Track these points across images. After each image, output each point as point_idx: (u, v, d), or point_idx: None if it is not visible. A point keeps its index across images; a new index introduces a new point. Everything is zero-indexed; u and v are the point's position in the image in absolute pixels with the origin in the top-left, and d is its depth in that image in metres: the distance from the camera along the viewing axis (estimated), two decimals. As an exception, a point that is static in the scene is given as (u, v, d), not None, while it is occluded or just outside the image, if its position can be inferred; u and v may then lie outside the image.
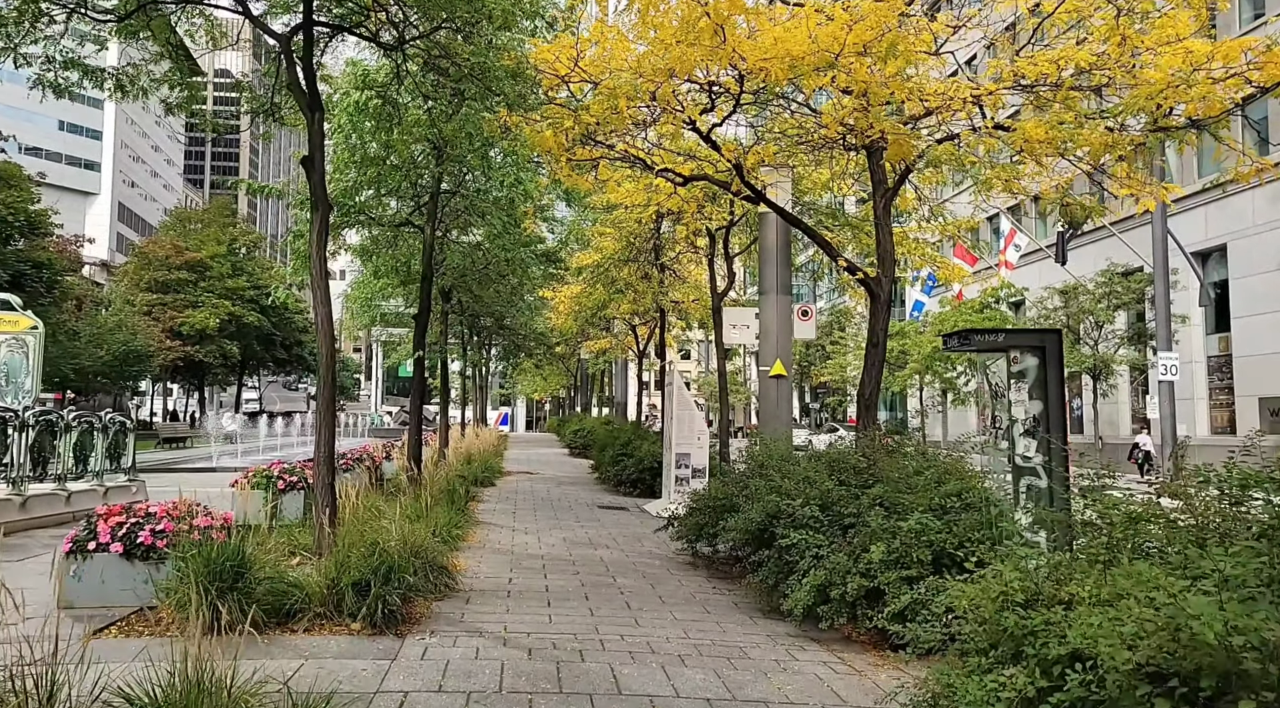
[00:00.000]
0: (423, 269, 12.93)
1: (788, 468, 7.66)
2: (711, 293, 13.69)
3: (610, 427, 23.89)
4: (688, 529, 8.73)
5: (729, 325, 10.92)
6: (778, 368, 10.62)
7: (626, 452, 16.85)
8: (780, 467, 7.88)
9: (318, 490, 7.38)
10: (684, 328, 27.23)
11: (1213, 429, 26.93)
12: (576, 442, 28.40)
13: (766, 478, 7.54)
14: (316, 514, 7.36)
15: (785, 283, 10.81)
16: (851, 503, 6.22)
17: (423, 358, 12.85)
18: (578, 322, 23.23)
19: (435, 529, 9.01)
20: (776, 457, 8.29)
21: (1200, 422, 27.25)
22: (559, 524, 11.76)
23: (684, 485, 14.00)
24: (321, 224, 7.60)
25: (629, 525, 12.00)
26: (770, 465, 8.06)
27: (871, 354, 7.78)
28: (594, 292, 17.15)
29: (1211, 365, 27.14)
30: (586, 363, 39.23)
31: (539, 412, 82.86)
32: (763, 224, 10.94)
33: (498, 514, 12.61)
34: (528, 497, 15.49)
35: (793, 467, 7.69)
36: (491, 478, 17.93)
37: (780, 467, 7.88)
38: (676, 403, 14.01)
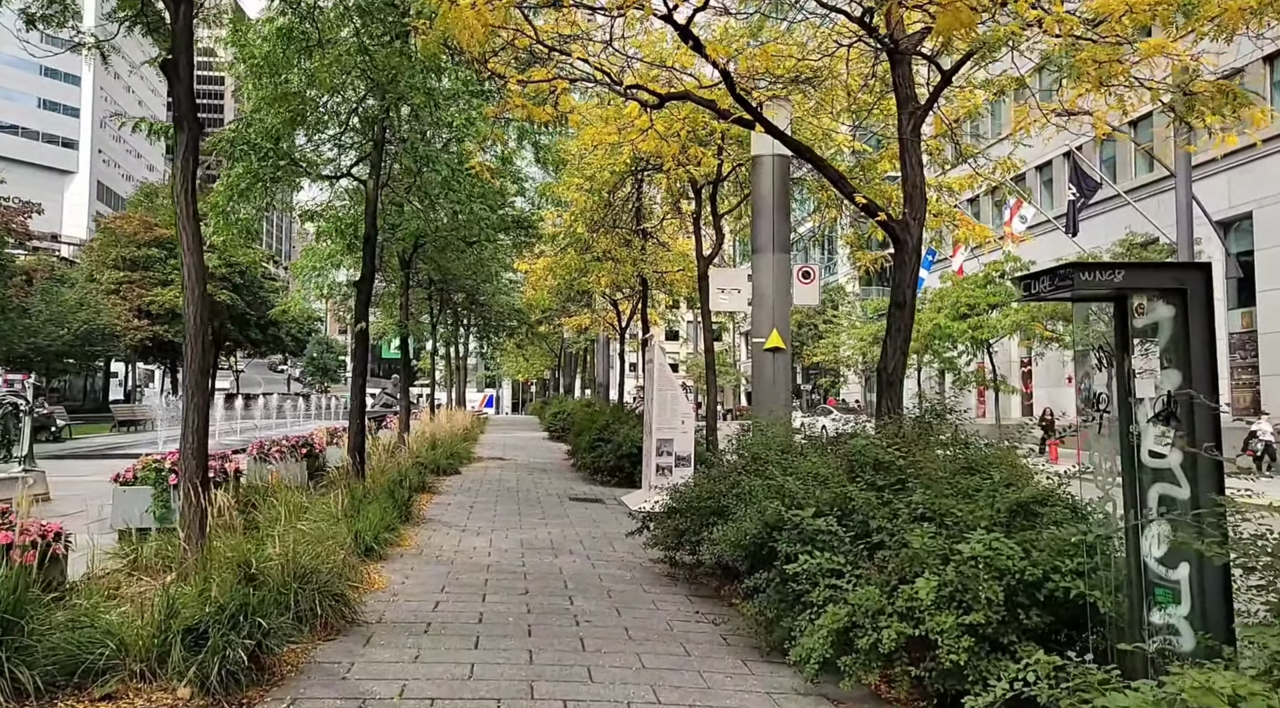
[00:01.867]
0: (366, 228, 11.20)
1: (791, 463, 6.04)
2: (698, 258, 12.03)
3: (591, 409, 22.25)
4: (666, 535, 7.11)
5: (717, 290, 9.29)
6: (774, 339, 8.99)
7: (604, 437, 15.23)
8: (781, 461, 6.26)
9: (183, 490, 5.70)
10: (669, 304, 25.56)
11: (1234, 412, 25.50)
12: (556, 425, 26.77)
13: (764, 476, 5.91)
14: (182, 523, 5.69)
15: (783, 239, 9.15)
16: (881, 513, 4.59)
17: (365, 329, 11.15)
18: (554, 295, 21.52)
19: (358, 535, 7.38)
20: (776, 447, 6.66)
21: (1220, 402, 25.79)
22: (520, 522, 10.13)
23: (666, 475, 12.39)
24: (189, 148, 5.88)
25: (601, 523, 10.39)
26: (768, 459, 6.44)
27: (895, 318, 6.15)
28: (566, 257, 15.44)
29: (1233, 343, 25.66)
30: (569, 343, 37.52)
31: (525, 394, 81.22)
32: (756, 170, 9.26)
33: (451, 510, 10.97)
34: (492, 487, 13.86)
35: (798, 461, 6.07)
36: (457, 465, 16.29)
37: (781, 461, 6.26)
38: (657, 382, 12.37)
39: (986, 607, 3.72)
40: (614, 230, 14.92)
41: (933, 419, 5.58)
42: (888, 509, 4.63)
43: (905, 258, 6.14)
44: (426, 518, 10.03)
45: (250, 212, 10.48)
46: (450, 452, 17.25)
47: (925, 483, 4.66)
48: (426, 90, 9.84)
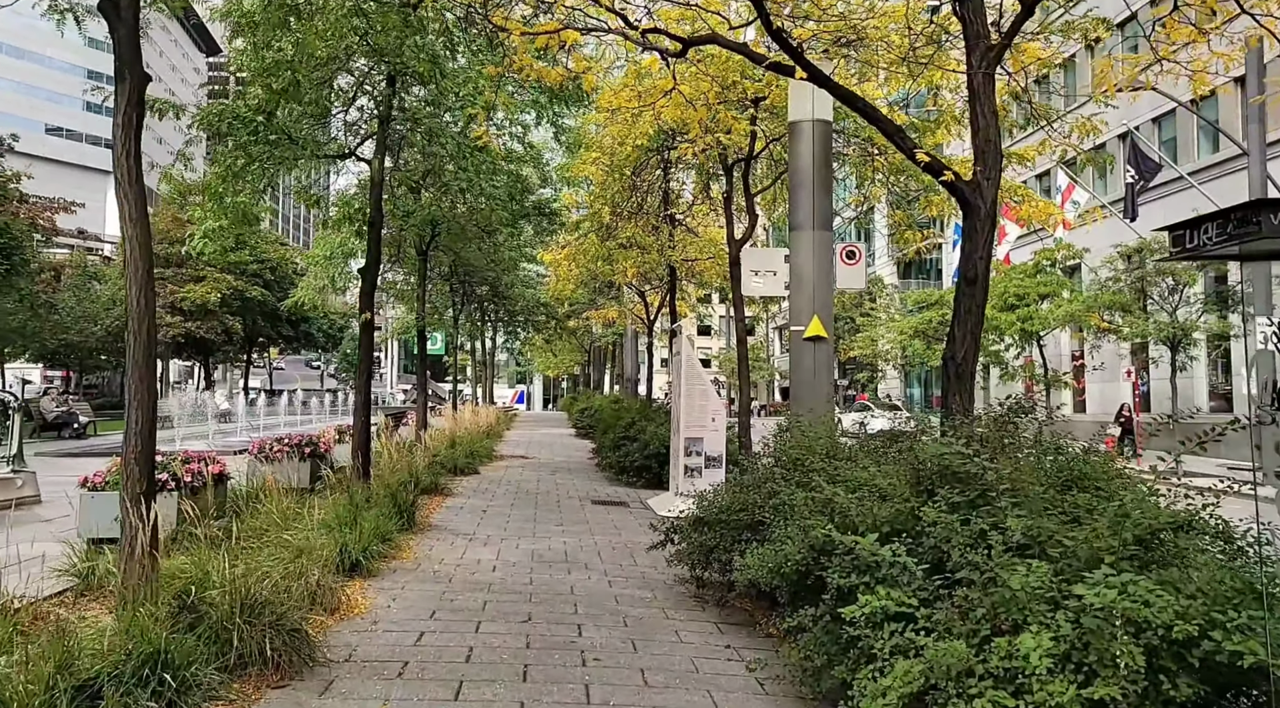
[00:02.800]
0: (370, 212, 10.40)
1: (840, 471, 5.07)
2: (729, 241, 11.05)
3: (617, 406, 21.36)
4: (692, 551, 6.17)
5: (750, 273, 8.32)
6: (815, 327, 7.99)
7: (630, 435, 14.32)
8: (827, 468, 5.29)
9: (121, 502, 4.90)
10: (700, 296, 24.58)
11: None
12: (582, 422, 25.92)
13: (808, 487, 4.95)
14: (121, 541, 4.89)
15: (824, 215, 8.14)
16: (961, 539, 3.60)
17: (371, 321, 10.34)
18: (580, 287, 20.65)
19: (345, 548, 6.55)
20: (819, 450, 5.69)
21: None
22: (534, 529, 9.25)
23: (695, 477, 11.45)
24: (131, 102, 5.08)
25: (624, 530, 9.48)
26: (812, 465, 5.46)
27: (966, 297, 5.14)
28: (587, 243, 14.55)
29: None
30: (597, 337, 36.69)
31: (556, 389, 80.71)
32: (794, 138, 8.25)
33: (462, 515, 10.13)
34: (510, 488, 13.02)
35: (848, 469, 5.10)
36: (475, 465, 15.48)
37: (827, 468, 5.29)
38: (686, 376, 11.42)
39: (1122, 675, 2.73)
40: (640, 215, 13.99)
41: (1017, 417, 4.55)
42: (969, 533, 3.64)
43: (976, 225, 5.12)
44: (433, 525, 9.20)
45: (247, 195, 9.72)
46: (470, 450, 16.47)
47: (1015, 499, 3.66)
48: (432, 58, 9.00)
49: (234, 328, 42.10)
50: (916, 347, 36.80)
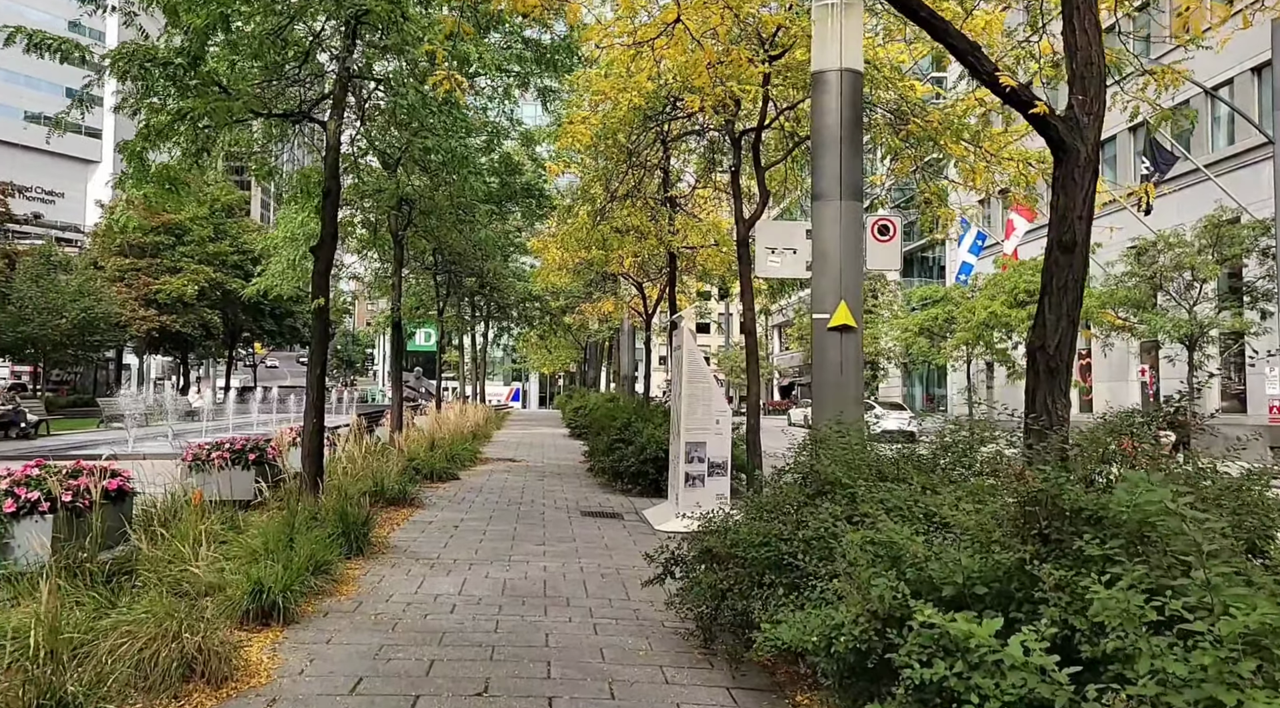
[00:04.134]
0: (325, 180, 9.09)
1: (897, 498, 3.79)
2: (737, 220, 9.79)
3: (612, 405, 20.07)
4: (699, 595, 4.88)
5: (765, 251, 7.02)
6: (842, 315, 6.71)
7: (624, 437, 13.03)
8: (875, 495, 4.01)
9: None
10: (699, 289, 23.29)
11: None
12: (576, 422, 24.62)
13: (854, 520, 3.67)
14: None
15: (854, 181, 6.85)
16: (1135, 624, 2.31)
17: (326, 306, 9.03)
18: (574, 277, 19.35)
19: (260, 587, 5.24)
20: (862, 469, 4.41)
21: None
22: (511, 550, 7.96)
23: (696, 486, 10.17)
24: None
25: (616, 550, 8.19)
26: (855, 489, 4.18)
27: (1060, 268, 3.85)
28: (577, 222, 13.23)
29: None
30: (593, 333, 35.40)
31: (553, 387, 79.36)
32: (818, 92, 6.96)
33: (429, 532, 8.83)
34: (491, 497, 11.72)
35: (905, 494, 3.83)
36: (455, 470, 14.18)
37: (875, 495, 4.01)
38: (687, 372, 10.13)
39: None
40: (637, 194, 12.69)
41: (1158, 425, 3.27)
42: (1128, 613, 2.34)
43: (1074, 173, 3.86)
44: (390, 546, 7.90)
45: (178, 159, 8.40)
46: (451, 453, 15.18)
47: (1177, 551, 2.37)
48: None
49: (213, 322, 40.67)
50: (921, 345, 35.60)
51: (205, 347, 49.96)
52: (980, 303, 28.55)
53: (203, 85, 7.42)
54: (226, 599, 5.12)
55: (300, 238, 12.76)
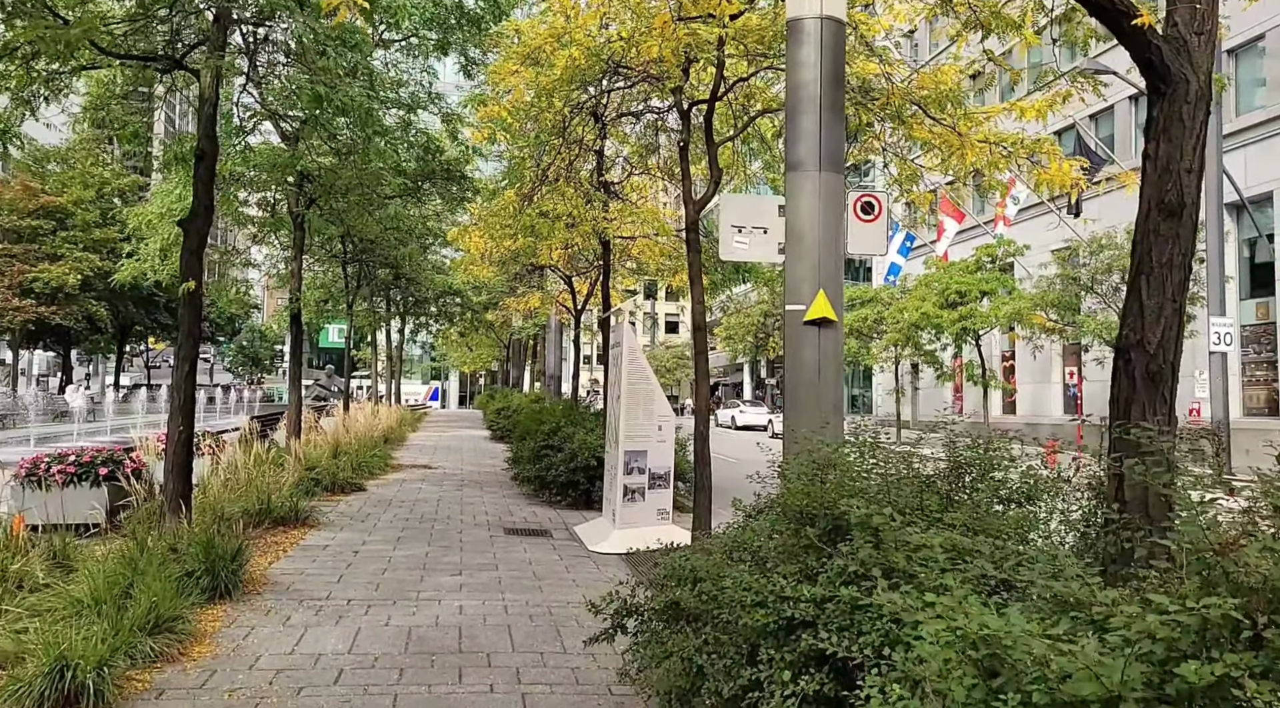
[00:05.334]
0: (198, 141, 7.58)
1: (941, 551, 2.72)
2: (685, 203, 8.69)
3: (539, 407, 18.76)
4: (665, 668, 3.71)
5: (731, 229, 5.91)
6: (820, 306, 5.67)
7: (553, 444, 11.79)
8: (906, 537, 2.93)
9: None
10: (629, 285, 22.19)
11: (1246, 410, 23.12)
12: (499, 424, 23.16)
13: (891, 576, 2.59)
14: None
15: (834, 150, 5.81)
16: None
17: (199, 292, 7.52)
18: (498, 269, 17.96)
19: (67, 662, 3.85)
20: (899, 502, 3.35)
21: (1231, 401, 23.42)
22: (420, 584, 6.64)
23: (636, 500, 9.06)
24: None
25: (549, 581, 6.96)
26: (881, 530, 3.10)
27: (1161, 238, 2.84)
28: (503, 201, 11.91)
29: (1246, 336, 23.27)
30: (517, 330, 33.89)
31: (474, 386, 76.99)
32: (794, 42, 5.89)
33: (322, 560, 7.42)
34: (401, 512, 10.31)
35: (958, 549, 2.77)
36: (361, 479, 12.67)
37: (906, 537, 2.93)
38: (627, 373, 8.98)
39: None
40: (570, 176, 11.44)
41: None
42: None
43: (1181, 113, 2.88)
44: (270, 581, 6.48)
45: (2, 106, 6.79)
46: (358, 461, 13.65)
47: None
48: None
49: (99, 314, 37.40)
50: (850, 345, 35.38)
51: (93, 341, 46.25)
52: (911, 303, 28.30)
53: (34, 5, 5.86)
54: (15, 682, 3.71)
55: (178, 213, 11.06)
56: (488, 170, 17.84)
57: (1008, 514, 3.73)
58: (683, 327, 69.34)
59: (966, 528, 3.30)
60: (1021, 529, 3.47)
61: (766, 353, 47.89)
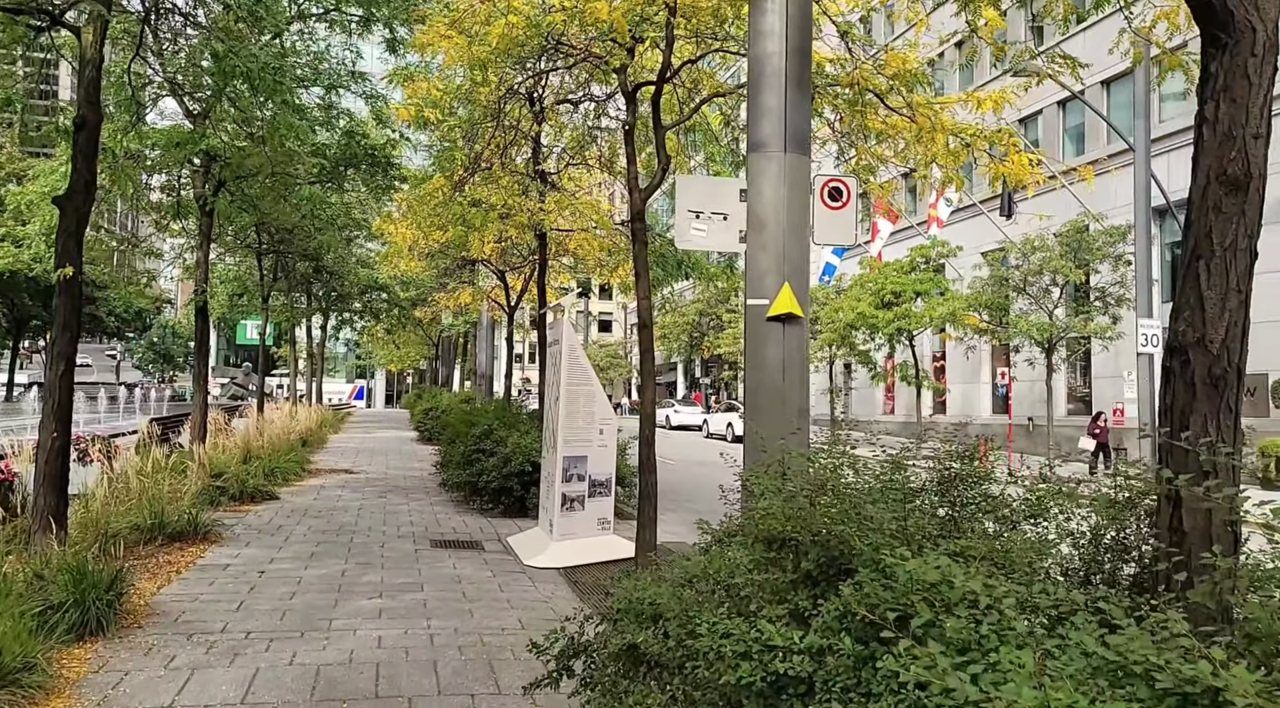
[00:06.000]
0: (78, 108, 6.64)
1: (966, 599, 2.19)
2: (631, 190, 8.08)
3: (469, 407, 17.92)
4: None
5: (688, 214, 5.33)
6: (785, 300, 5.16)
7: (485, 447, 11.05)
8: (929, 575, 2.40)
9: None
10: (565, 280, 21.46)
11: (1167, 411, 23.76)
12: (426, 425, 22.17)
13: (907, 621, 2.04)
14: None
15: (800, 129, 5.31)
16: None
17: (77, 280, 6.59)
18: (426, 262, 17.05)
19: None
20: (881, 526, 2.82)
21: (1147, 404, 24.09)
22: (336, 609, 5.89)
23: (575, 509, 8.44)
24: None
25: (481, 602, 6.28)
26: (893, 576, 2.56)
27: (1223, 217, 2.37)
28: (430, 187, 11.10)
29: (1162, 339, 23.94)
30: (447, 327, 32.77)
31: (401, 385, 74.85)
32: (757, 10, 5.36)
33: (222, 581, 6.57)
34: (317, 524, 9.44)
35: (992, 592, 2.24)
36: (274, 487, 11.69)
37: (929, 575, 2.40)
38: (567, 374, 8.35)
39: None
40: (505, 162, 10.72)
41: None
42: None
43: (1246, 68, 2.43)
44: (157, 611, 5.63)
45: None
46: (271, 466, 12.64)
47: None
48: None
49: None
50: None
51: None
52: (847, 303, 28.37)
53: None
54: None
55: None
56: (418, 161, 16.95)
57: (1018, 539, 3.25)
58: (617, 325, 68.82)
59: (986, 560, 2.79)
60: (1036, 558, 2.99)
61: (701, 352, 47.73)
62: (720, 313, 43.61)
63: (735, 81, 10.28)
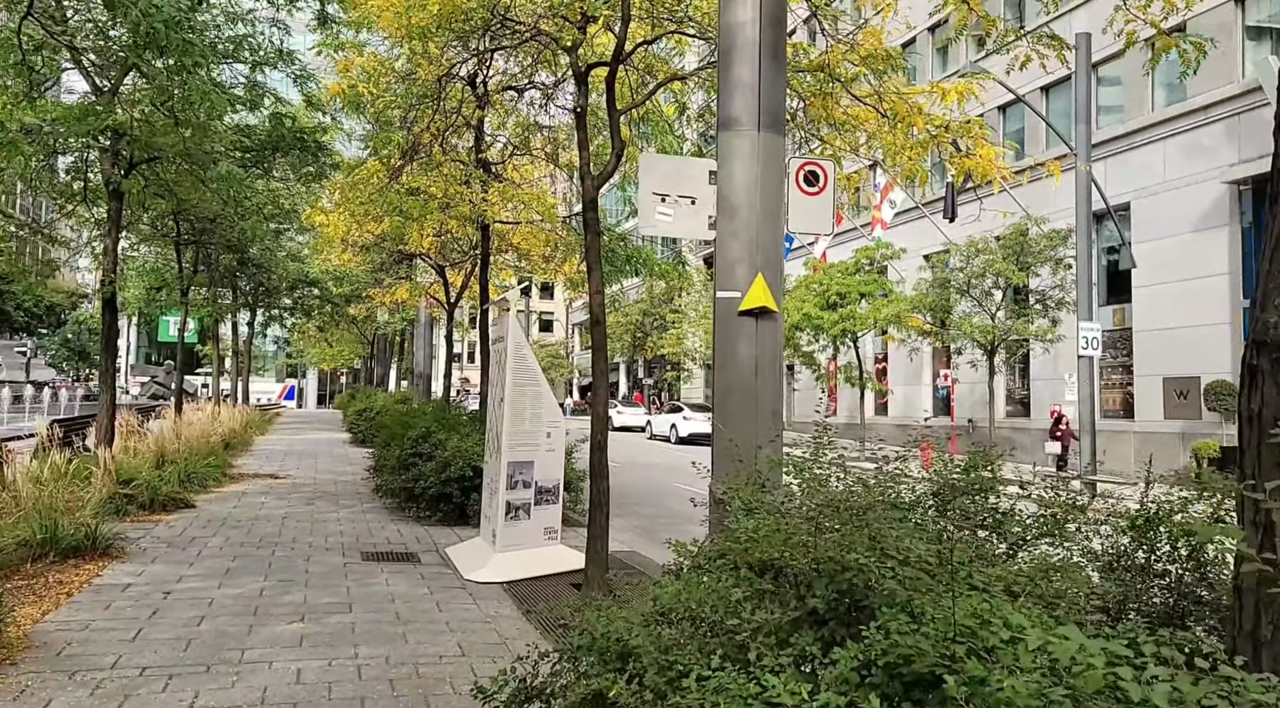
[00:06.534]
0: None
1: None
2: (583, 177, 7.54)
3: (406, 408, 17.11)
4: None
5: (653, 197, 4.83)
6: (758, 293, 4.71)
7: (423, 451, 10.36)
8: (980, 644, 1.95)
9: None
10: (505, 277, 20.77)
11: (1103, 412, 24.26)
12: (360, 426, 21.20)
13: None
14: None
15: (775, 107, 4.86)
16: None
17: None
18: (361, 256, 16.20)
19: None
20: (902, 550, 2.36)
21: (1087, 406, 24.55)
22: (252, 634, 5.21)
23: (520, 518, 7.88)
24: None
25: (415, 625, 5.66)
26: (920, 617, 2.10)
27: None
28: (365, 172, 10.37)
29: (1104, 341, 24.42)
30: (382, 325, 31.65)
31: (334, 385, 72.59)
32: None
33: (120, 605, 5.81)
34: (236, 535, 8.65)
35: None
36: (190, 494, 10.80)
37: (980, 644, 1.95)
38: (512, 370, 7.77)
39: None
40: (445, 148, 10.08)
41: None
42: None
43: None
44: (33, 643, 4.88)
45: None
46: (188, 471, 11.72)
47: None
48: None
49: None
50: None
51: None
52: (792, 304, 28.26)
53: None
54: None
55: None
56: (352, 151, 16.10)
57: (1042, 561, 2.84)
58: (558, 325, 67.97)
59: (1033, 596, 2.36)
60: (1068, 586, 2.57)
61: (644, 353, 47.33)
62: (664, 313, 43.30)
63: (691, 68, 9.85)
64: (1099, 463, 18.18)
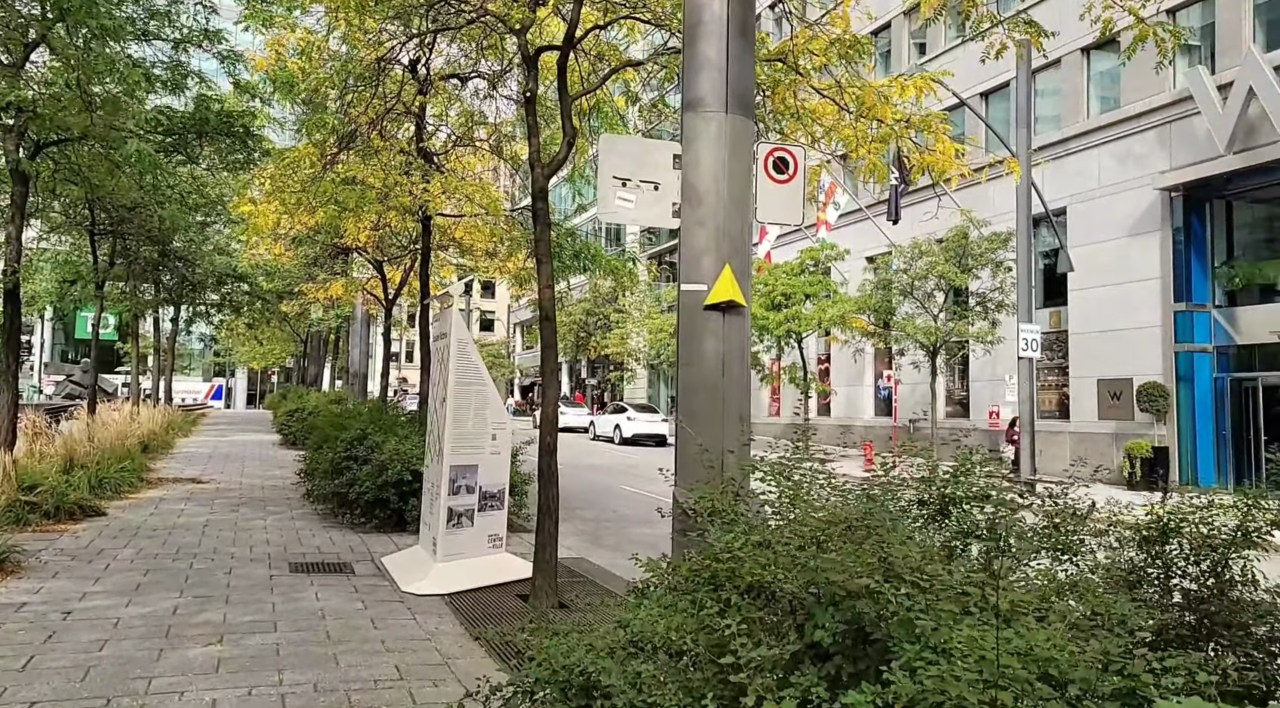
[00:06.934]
0: None
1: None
2: (532, 165, 7.13)
3: (340, 408, 16.38)
4: None
5: (613, 181, 4.46)
6: (726, 286, 4.39)
7: (358, 454, 9.79)
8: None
9: None
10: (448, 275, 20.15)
11: (1039, 413, 24.77)
12: (291, 427, 20.30)
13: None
14: None
15: (743, 88, 4.55)
16: None
17: None
18: (292, 247, 15.42)
19: None
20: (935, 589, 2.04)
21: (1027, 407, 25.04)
22: (161, 660, 4.67)
23: (463, 525, 7.44)
24: None
25: (347, 645, 5.18)
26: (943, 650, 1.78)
27: None
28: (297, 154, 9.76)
29: (1041, 343, 24.94)
30: (316, 322, 30.52)
31: (265, 384, 70.15)
32: (692, -54, 4.56)
33: (5, 629, 5.18)
34: (150, 546, 7.98)
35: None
36: (99, 502, 10.02)
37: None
38: (455, 369, 7.32)
39: None
40: (383, 133, 9.53)
41: None
42: None
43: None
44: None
45: None
46: (101, 476, 10.91)
47: None
48: None
49: None
50: (673, 346, 35.08)
51: None
52: (736, 305, 28.22)
53: None
54: None
55: None
56: (284, 140, 15.31)
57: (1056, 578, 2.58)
58: (499, 324, 66.98)
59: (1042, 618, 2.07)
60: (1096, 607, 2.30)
61: (588, 353, 46.86)
62: (608, 312, 42.92)
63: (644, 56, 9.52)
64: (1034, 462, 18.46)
